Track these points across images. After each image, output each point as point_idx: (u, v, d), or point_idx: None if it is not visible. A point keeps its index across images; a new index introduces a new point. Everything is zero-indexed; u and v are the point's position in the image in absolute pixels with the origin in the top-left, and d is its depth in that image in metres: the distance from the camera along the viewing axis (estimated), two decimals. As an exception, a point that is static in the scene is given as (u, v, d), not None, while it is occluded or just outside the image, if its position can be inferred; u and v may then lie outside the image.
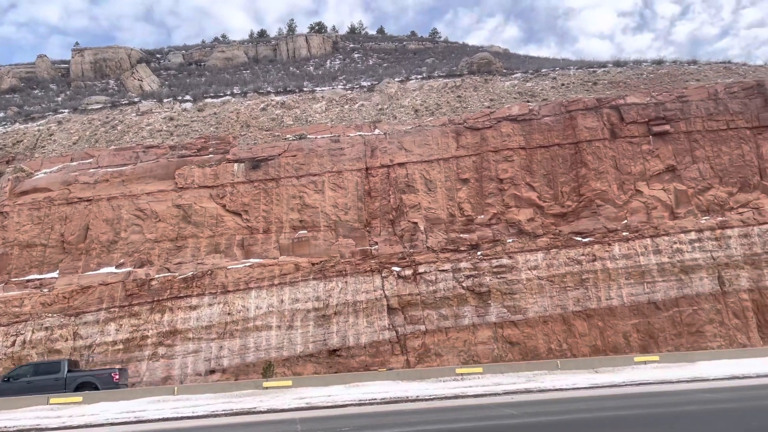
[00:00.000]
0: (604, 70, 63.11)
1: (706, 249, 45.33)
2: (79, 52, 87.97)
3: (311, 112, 58.81)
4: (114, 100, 65.98)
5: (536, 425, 15.67)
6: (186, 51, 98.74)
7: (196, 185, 47.93)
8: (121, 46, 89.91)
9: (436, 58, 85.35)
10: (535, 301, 43.89)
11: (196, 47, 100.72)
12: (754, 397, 19.45)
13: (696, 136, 49.73)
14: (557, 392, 25.02)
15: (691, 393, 22.07)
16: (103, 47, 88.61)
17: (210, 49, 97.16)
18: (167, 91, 71.14)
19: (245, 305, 43.01)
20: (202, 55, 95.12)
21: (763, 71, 60.42)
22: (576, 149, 49.08)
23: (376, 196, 48.07)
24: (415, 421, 17.73)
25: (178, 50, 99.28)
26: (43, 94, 78.73)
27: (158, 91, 71.84)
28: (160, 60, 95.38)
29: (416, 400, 24.57)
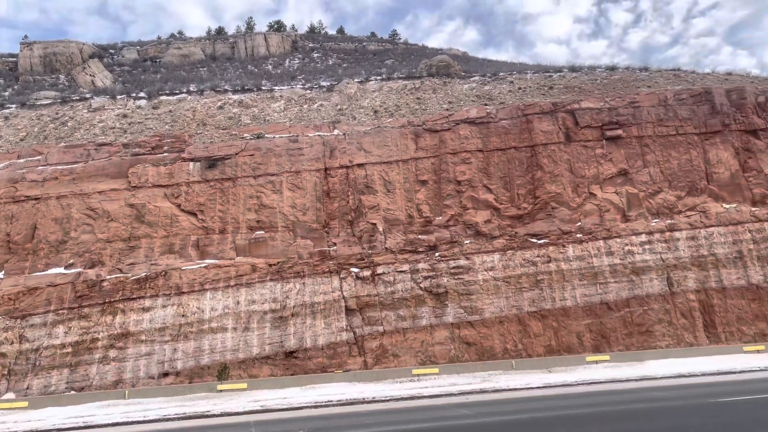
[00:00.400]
0: (560, 75, 64.35)
1: (655, 251, 46.66)
2: (28, 45, 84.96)
3: (269, 112, 58.19)
4: (64, 96, 63.95)
5: (489, 425, 15.80)
6: (141, 47, 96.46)
7: (150, 184, 46.82)
8: (72, 41, 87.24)
9: (395, 60, 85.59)
10: (492, 302, 44.39)
11: (152, 43, 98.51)
12: (699, 395, 20.05)
13: (647, 141, 51.15)
14: (511, 392, 25.32)
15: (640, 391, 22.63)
16: (54, 41, 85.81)
17: (166, 45, 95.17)
18: (121, 87, 69.36)
19: (200, 307, 42.22)
20: (158, 52, 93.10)
21: (710, 79, 62.59)
22: (532, 152, 49.87)
23: (335, 196, 47.85)
24: (370, 423, 17.66)
25: (132, 46, 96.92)
26: (-11, 88, 75.68)
27: (111, 88, 69.98)
28: (113, 56, 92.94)
29: (372, 402, 24.51)
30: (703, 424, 13.83)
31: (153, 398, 30.76)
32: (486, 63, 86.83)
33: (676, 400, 19.26)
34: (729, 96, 54.06)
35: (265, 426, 18.92)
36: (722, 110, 52.60)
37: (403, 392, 26.18)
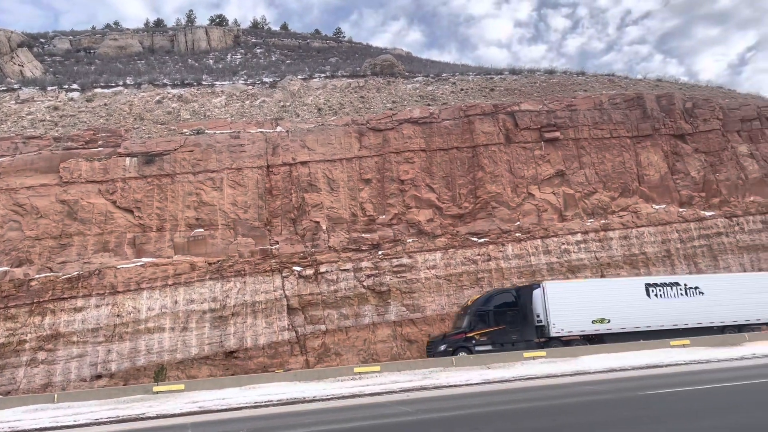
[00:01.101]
0: (501, 77, 65.72)
1: (590, 249, 48.34)
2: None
3: (210, 107, 57.00)
4: (-10, 86, 60.69)
5: (429, 421, 16.01)
6: (74, 37, 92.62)
7: (84, 180, 45.07)
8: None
9: (339, 58, 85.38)
10: (433, 300, 44.95)
11: (86, 33, 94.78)
12: (629, 389, 20.90)
13: (583, 143, 52.92)
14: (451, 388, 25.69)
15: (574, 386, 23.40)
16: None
17: (101, 36, 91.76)
18: (52, 78, 66.43)
19: (136, 306, 40.98)
20: (92, 42, 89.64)
21: (642, 85, 65.29)
22: (473, 153, 50.76)
23: (277, 194, 47.33)
24: (310, 422, 17.59)
25: (65, 35, 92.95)
26: None
27: (41, 78, 66.92)
28: (44, 45, 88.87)
29: (313, 401, 24.40)
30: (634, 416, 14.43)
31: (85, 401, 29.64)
32: (429, 64, 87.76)
33: (607, 393, 20.02)
34: (659, 101, 56.57)
35: (203, 427, 18.57)
36: (653, 115, 54.99)
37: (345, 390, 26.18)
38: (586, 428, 13.09)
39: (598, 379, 26.25)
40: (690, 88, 65.93)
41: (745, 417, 13.64)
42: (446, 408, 18.49)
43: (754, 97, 66.10)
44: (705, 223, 51.03)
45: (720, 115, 56.78)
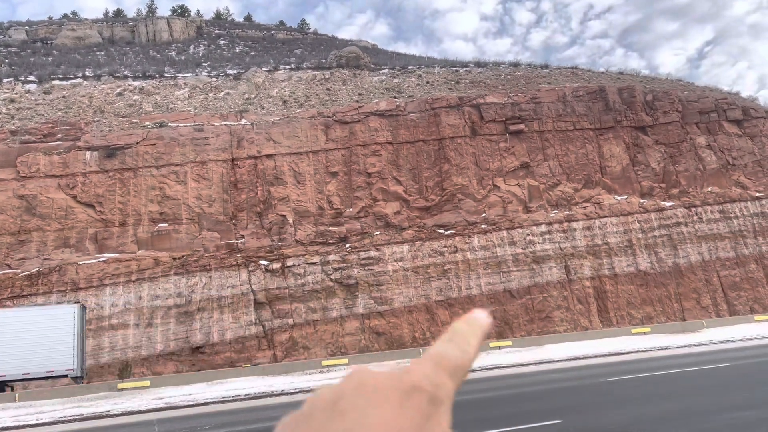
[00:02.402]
0: (466, 69, 66.07)
1: (554, 240, 49.09)
2: None
3: (173, 99, 56.00)
4: (-59, 78, 58.55)
5: (397, 412, 16.15)
6: (30, 27, 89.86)
7: (42, 174, 43.89)
8: (-50, 17, 79.90)
9: (305, 50, 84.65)
10: (401, 292, 45.12)
11: (42, 24, 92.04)
12: (592, 375, 21.39)
13: (547, 135, 53.59)
14: (419, 379, 25.95)
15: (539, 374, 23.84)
16: (-72, 17, 78.21)
17: (58, 26, 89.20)
18: (8, 70, 64.33)
19: (99, 303, 40.17)
20: (50, 33, 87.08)
21: (605, 78, 66.38)
22: (440, 145, 50.98)
23: (242, 188, 46.82)
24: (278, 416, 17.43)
25: (20, 26, 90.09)
26: None
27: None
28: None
29: (281, 395, 24.34)
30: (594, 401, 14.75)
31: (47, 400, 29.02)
32: (395, 56, 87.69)
33: (571, 381, 20.42)
34: (621, 94, 57.60)
35: (169, 423, 18.35)
36: (615, 107, 55.98)
37: (312, 384, 26.17)
38: (552, 414, 13.36)
39: (563, 367, 26.79)
40: (651, 81, 67.30)
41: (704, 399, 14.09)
42: (414, 398, 18.65)
43: (712, 89, 67.84)
44: (665, 213, 52.25)
45: (679, 108, 58.09)
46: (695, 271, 50.16)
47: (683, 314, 48.31)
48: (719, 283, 50.33)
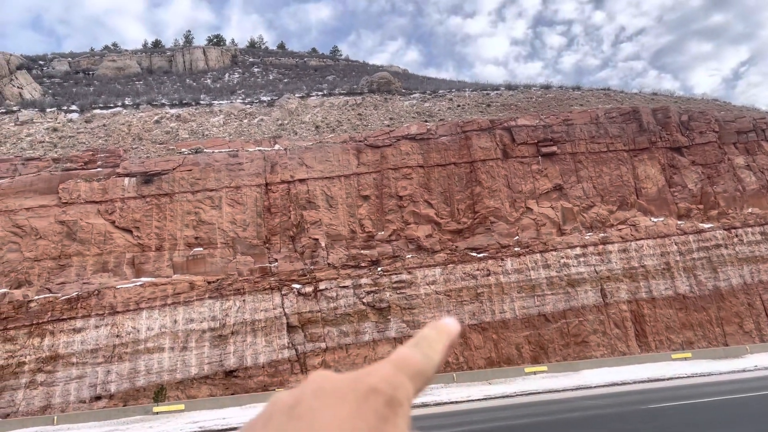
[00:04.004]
0: (497, 92, 66.12)
1: (590, 263, 48.29)
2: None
3: (208, 126, 57.24)
4: (-11, 108, 60.97)
5: (431, 438, 15.93)
6: (73, 59, 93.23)
7: (83, 200, 45.12)
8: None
9: (337, 76, 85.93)
10: (433, 316, 44.77)
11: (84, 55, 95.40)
12: (631, 402, 20.82)
13: (580, 157, 53.08)
14: (453, 405, 25.58)
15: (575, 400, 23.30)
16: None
17: (99, 57, 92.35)
18: (51, 100, 66.75)
19: (135, 326, 40.81)
20: (91, 64, 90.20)
21: (638, 99, 65.70)
22: (471, 168, 50.90)
23: (276, 212, 47.36)
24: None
25: (63, 57, 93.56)
26: None
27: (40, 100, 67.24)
28: (43, 67, 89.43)
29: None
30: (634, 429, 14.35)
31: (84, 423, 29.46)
32: (426, 80, 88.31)
33: (609, 407, 19.91)
34: (655, 115, 56.85)
35: (203, 448, 18.43)
36: (649, 128, 55.23)
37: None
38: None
39: (600, 393, 26.14)
40: (685, 102, 66.34)
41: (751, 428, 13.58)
42: (448, 425, 18.38)
43: (750, 109, 66.52)
44: (704, 236, 51.03)
45: (716, 128, 57.03)
46: (737, 295, 48.70)
47: (725, 339, 46.83)
48: (762, 307, 48.73)
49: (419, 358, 0.87)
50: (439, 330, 0.94)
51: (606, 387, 28.55)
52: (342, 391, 0.78)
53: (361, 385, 0.79)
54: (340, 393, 0.78)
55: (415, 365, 0.85)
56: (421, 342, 0.91)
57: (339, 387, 0.79)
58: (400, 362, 0.85)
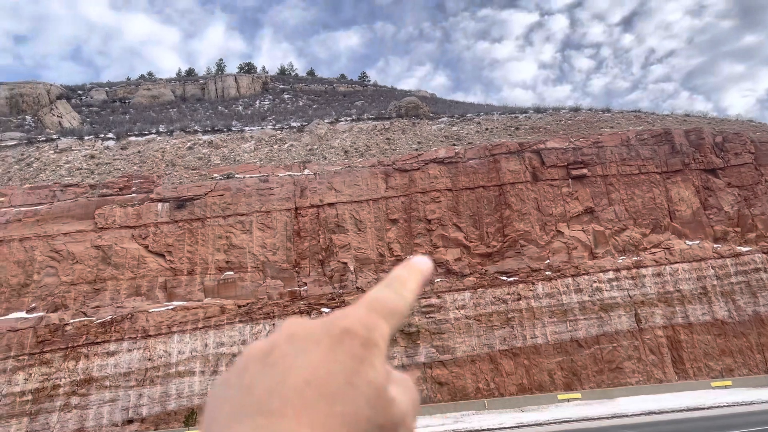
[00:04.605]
0: (526, 115, 65.97)
1: (623, 287, 47.33)
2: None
3: (240, 152, 58.20)
4: (30, 137, 63.09)
5: (462, 466, 15.62)
6: (110, 88, 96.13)
7: (118, 225, 46.09)
8: (39, 82, 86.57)
9: (365, 101, 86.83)
10: (463, 341, 44.29)
11: (121, 84, 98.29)
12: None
13: (611, 179, 52.42)
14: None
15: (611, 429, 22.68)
16: (20, 82, 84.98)
17: (135, 86, 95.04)
18: (89, 128, 68.76)
19: (167, 350, 41.21)
20: (127, 93, 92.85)
21: (670, 120, 64.86)
22: (500, 191, 50.64)
23: (305, 236, 47.69)
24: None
25: (101, 87, 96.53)
26: (-48, 129, 74.28)
27: (79, 128, 69.32)
28: (82, 96, 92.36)
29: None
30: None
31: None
32: (454, 105, 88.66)
33: (646, 436, 19.34)
34: (688, 136, 55.97)
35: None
36: (682, 150, 54.35)
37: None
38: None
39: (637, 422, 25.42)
40: (719, 123, 65.24)
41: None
42: (479, 452, 18.04)
43: (786, 129, 65.02)
44: (742, 259, 49.68)
45: (752, 149, 55.85)
46: (778, 320, 47.10)
47: (767, 366, 45.23)
48: (806, 333, 47.01)
49: (392, 298, 0.87)
50: (411, 269, 0.94)
51: (643, 415, 27.76)
52: (315, 335, 0.78)
53: (334, 328, 0.79)
54: (314, 337, 0.78)
55: (389, 305, 0.85)
56: (393, 282, 0.91)
57: (312, 332, 0.79)
58: (373, 303, 0.84)
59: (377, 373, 0.76)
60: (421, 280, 0.93)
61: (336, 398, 0.71)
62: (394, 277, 0.92)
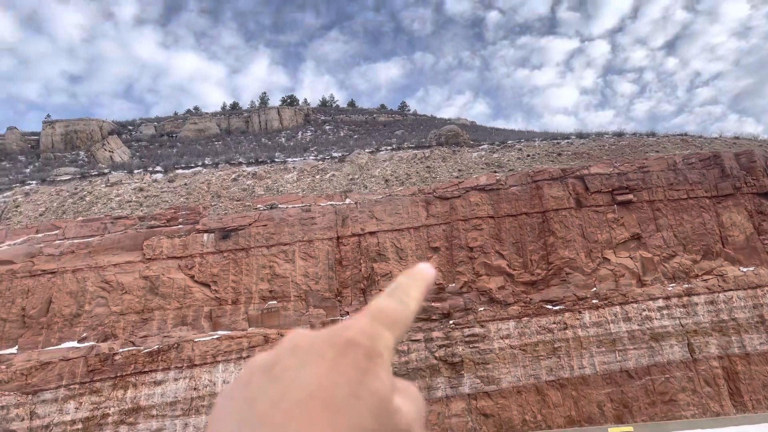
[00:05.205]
0: (568, 141, 65.28)
1: (674, 316, 45.77)
2: (50, 124, 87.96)
3: (283, 182, 59.18)
4: (83, 171, 65.62)
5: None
6: (158, 123, 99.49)
7: (165, 256, 47.21)
8: (92, 118, 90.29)
9: (405, 130, 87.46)
10: (509, 371, 43.38)
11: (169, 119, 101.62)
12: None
13: (658, 205, 51.14)
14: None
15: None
16: (75, 119, 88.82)
17: (182, 120, 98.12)
18: (138, 162, 71.15)
19: (212, 379, 41.61)
20: (175, 127, 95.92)
21: (718, 143, 63.17)
22: (543, 218, 49.95)
23: (347, 264, 47.87)
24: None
25: (150, 122, 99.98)
26: (11, 166, 77.98)
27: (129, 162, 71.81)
28: (131, 132, 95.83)
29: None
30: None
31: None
32: (494, 132, 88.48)
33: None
34: (738, 159, 54.33)
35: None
36: (732, 173, 52.73)
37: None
38: None
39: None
40: (771, 144, 63.20)
41: None
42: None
43: (844, 150, 62.51)
44: (800, 286, 47.50)
45: (807, 171, 53.81)
46: (844, 350, 44.69)
47: (833, 400, 42.80)
48: None
49: (395, 307, 0.86)
50: (414, 276, 0.95)
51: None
52: (319, 347, 0.77)
53: (338, 339, 0.77)
54: (318, 349, 0.76)
55: (392, 314, 0.84)
56: (396, 290, 0.90)
57: (316, 344, 0.78)
58: (377, 312, 0.83)
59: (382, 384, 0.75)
60: (424, 288, 0.93)
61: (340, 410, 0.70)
62: (397, 285, 0.92)
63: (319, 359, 0.75)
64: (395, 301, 0.87)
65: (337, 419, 0.69)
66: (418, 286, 0.90)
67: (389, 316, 0.84)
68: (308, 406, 0.70)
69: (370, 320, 0.82)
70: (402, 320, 0.85)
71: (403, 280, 0.92)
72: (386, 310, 0.85)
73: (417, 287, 0.90)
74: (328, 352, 0.76)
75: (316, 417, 0.69)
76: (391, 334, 0.83)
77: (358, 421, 0.71)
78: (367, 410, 0.72)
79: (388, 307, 0.86)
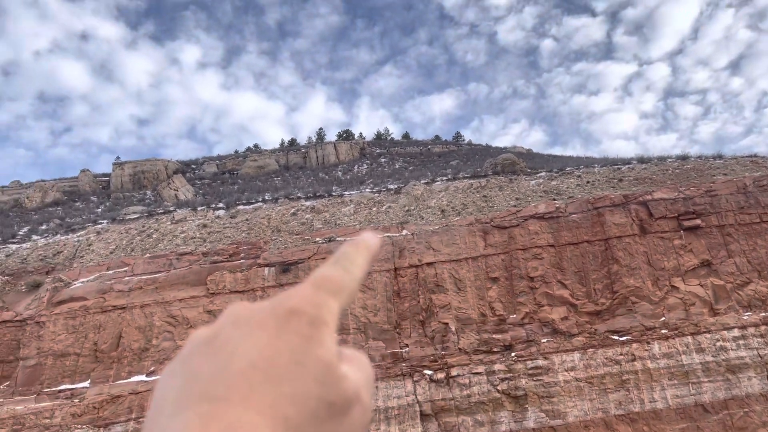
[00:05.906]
0: (629, 166, 63.65)
1: (751, 346, 43.35)
2: (120, 165, 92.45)
3: (340, 216, 59.94)
4: (150, 210, 68.40)
5: None
6: (220, 161, 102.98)
7: (228, 290, 48.35)
8: (158, 159, 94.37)
9: (460, 160, 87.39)
10: (575, 405, 41.91)
11: (230, 157, 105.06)
12: None
13: (729, 230, 49.01)
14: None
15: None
16: (142, 160, 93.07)
17: (243, 158, 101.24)
18: (201, 199, 73.66)
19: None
20: (236, 165, 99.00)
21: (790, 163, 60.22)
22: (606, 246, 48.61)
23: (405, 296, 47.73)
24: None
25: (212, 160, 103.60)
26: (84, 206, 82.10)
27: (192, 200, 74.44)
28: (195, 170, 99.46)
29: None
30: None
31: None
32: (551, 159, 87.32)
33: None
34: (814, 179, 51.62)
35: None
36: (808, 194, 50.11)
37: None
38: None
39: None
40: None
41: None
42: None
43: None
44: None
45: None
46: None
47: None
48: None
49: (340, 274, 0.84)
50: (359, 245, 0.93)
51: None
52: (261, 317, 0.76)
53: (280, 308, 0.76)
54: (259, 319, 0.75)
55: (337, 281, 0.83)
56: (340, 259, 0.89)
57: (257, 314, 0.76)
58: (320, 280, 0.82)
59: (326, 351, 0.74)
60: (369, 256, 0.93)
61: (283, 379, 0.69)
62: (342, 254, 0.91)
63: (261, 329, 0.74)
64: (340, 269, 0.86)
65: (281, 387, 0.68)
66: (363, 254, 0.91)
67: (334, 284, 0.82)
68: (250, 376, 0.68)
69: (314, 288, 0.80)
70: (347, 287, 0.84)
71: (347, 248, 0.93)
72: (331, 278, 0.83)
73: (362, 255, 0.91)
74: (270, 321, 0.75)
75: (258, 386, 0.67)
76: (336, 301, 0.81)
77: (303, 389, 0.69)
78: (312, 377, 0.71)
79: (332, 274, 0.84)
